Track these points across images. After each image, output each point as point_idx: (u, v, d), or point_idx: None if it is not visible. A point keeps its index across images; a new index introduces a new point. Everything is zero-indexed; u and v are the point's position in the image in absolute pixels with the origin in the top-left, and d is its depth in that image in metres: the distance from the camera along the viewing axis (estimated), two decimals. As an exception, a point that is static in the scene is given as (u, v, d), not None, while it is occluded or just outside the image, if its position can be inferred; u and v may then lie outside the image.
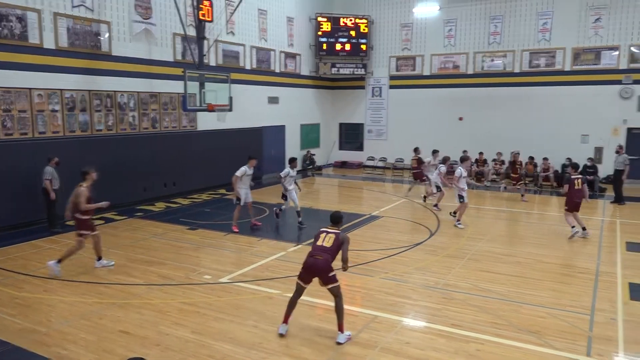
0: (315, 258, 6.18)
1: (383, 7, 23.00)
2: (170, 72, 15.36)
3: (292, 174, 12.21)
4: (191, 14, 15.31)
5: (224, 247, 10.51)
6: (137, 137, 14.66)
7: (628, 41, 18.53)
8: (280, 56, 20.84)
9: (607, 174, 18.61)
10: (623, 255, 10.00)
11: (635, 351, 6.04)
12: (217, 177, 17.06)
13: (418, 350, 6.02)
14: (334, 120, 24.99)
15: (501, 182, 18.32)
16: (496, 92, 20.86)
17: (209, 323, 6.72)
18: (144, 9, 14.55)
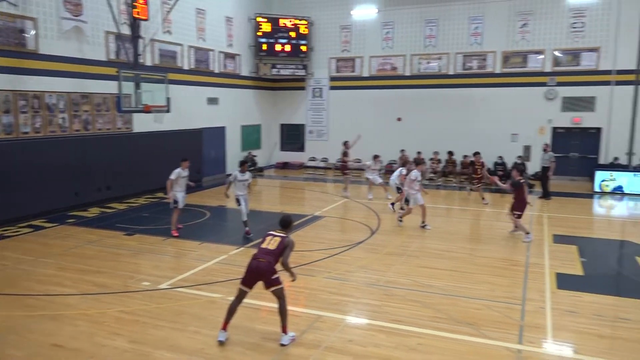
0: (259, 261, 6.12)
1: (322, 9, 23.18)
2: (104, 71, 14.76)
3: (240, 177, 11.20)
4: (125, 12, 14.78)
5: (163, 252, 10.23)
6: (68, 139, 13.97)
7: (552, 45, 19.68)
8: (220, 56, 20.54)
9: (535, 171, 19.70)
10: (550, 247, 10.60)
11: (562, 337, 6.41)
12: (155, 180, 16.53)
13: (360, 347, 6.11)
14: (275, 121, 24.93)
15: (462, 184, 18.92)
16: (432, 93, 21.54)
17: (148, 331, 6.52)
18: (74, 6, 13.90)
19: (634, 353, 5.97)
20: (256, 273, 6.13)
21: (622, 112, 18.40)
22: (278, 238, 6.29)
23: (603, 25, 18.90)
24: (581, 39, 19.26)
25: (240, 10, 21.74)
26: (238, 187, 11.24)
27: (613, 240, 11.54)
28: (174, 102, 15.89)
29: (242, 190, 11.26)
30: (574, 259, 9.70)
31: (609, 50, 18.89)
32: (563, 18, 19.41)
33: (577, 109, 19.63)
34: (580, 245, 10.67)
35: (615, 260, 9.95)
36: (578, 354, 5.99)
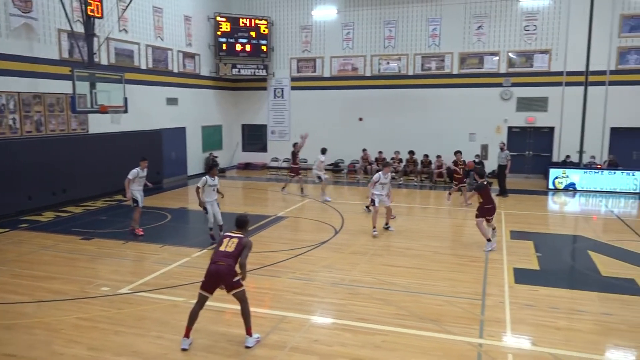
0: (218, 264, 5.97)
1: (282, 9, 23.13)
2: (57, 71, 14.27)
3: (210, 182, 10.51)
4: (78, 9, 14.32)
5: (123, 256, 9.96)
6: (19, 141, 13.43)
7: (506, 47, 20.29)
8: (178, 56, 20.18)
9: (492, 169, 20.26)
10: (508, 243, 10.93)
11: (521, 330, 6.61)
12: (113, 182, 16.08)
13: (326, 346, 6.13)
14: (237, 122, 24.70)
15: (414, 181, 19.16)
16: (392, 93, 21.83)
17: (108, 337, 6.33)
18: (23, 2, 13.36)
19: (589, 343, 6.22)
20: (216, 277, 5.98)
21: (572, 112, 19.15)
22: (235, 239, 6.18)
23: (554, 28, 19.65)
24: (533, 42, 19.95)
25: (199, 9, 21.43)
26: (207, 193, 10.54)
27: (567, 235, 12.01)
28: (131, 103, 15.50)
29: (211, 196, 10.63)
30: (530, 254, 10.03)
31: (559, 52, 19.65)
32: (516, 21, 20.05)
33: (531, 109, 20.32)
34: (535, 240, 11.05)
35: (569, 254, 10.35)
36: (536, 345, 6.19)
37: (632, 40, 18.85)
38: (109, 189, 16.11)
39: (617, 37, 18.94)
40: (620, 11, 18.81)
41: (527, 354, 6.00)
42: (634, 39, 18.82)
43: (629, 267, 9.21)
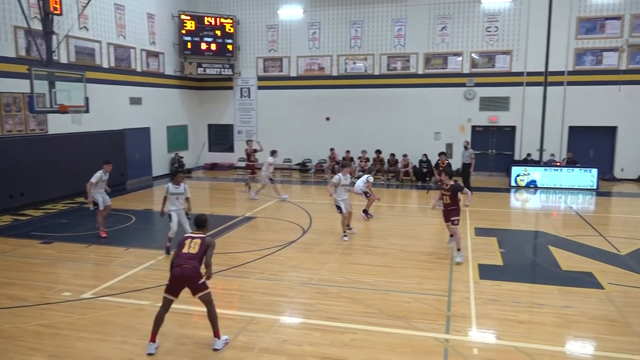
0: (183, 267, 5.84)
1: (248, 8, 22.97)
2: (13, 69, 13.78)
3: (172, 190, 9.69)
4: (35, 6, 13.86)
5: (85, 260, 9.69)
6: (-26, 142, 12.92)
7: (469, 48, 20.72)
8: (142, 54, 19.77)
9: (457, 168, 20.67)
10: (472, 239, 11.16)
11: (485, 325, 6.76)
12: (74, 184, 15.65)
13: (295, 346, 6.12)
14: (203, 122, 24.39)
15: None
16: (359, 93, 21.98)
17: (71, 344, 6.15)
18: (-23, -2, 12.85)
19: (550, 336, 6.42)
20: (181, 280, 5.86)
21: (533, 111, 19.70)
22: (198, 239, 6.07)
23: (514, 30, 20.17)
24: (495, 42, 20.44)
25: (163, 7, 21.05)
26: (171, 201, 9.78)
27: (528, 231, 12.35)
28: (93, 102, 15.09)
29: (175, 205, 9.78)
30: (494, 250, 10.27)
31: (520, 53, 20.19)
32: (478, 22, 20.50)
33: (494, 109, 20.81)
34: (499, 237, 11.32)
35: (530, 250, 10.63)
36: (500, 339, 6.34)
37: (588, 42, 19.54)
38: (70, 191, 15.66)
39: (574, 38, 19.61)
40: (577, 14, 19.48)
41: (491, 348, 6.14)
42: (589, 41, 19.52)
43: (587, 261, 9.54)
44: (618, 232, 11.89)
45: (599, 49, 19.45)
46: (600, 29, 19.41)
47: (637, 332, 6.48)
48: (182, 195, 9.78)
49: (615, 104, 19.44)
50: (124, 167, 18.35)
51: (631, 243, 10.76)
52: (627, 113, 19.37)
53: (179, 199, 9.77)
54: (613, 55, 19.36)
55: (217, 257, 9.65)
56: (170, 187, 9.70)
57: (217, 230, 11.88)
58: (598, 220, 13.39)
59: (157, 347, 5.97)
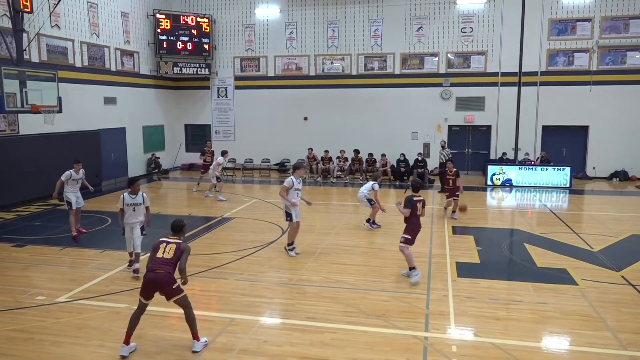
0: (156, 272, 5.77)
1: (224, 7, 22.81)
2: (-18, 68, 13.40)
3: (129, 200, 8.55)
4: (4, 3, 13.52)
5: (60, 263, 9.49)
6: (-59, 143, 12.54)
7: (445, 48, 20.96)
8: (116, 53, 19.46)
9: (435, 167, 20.94)
10: (450, 238, 11.29)
11: (463, 322, 6.85)
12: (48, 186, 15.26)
13: (275, 347, 6.10)
14: (179, 122, 24.11)
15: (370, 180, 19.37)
16: (337, 93, 22.03)
17: (46, 349, 6.02)
18: (-56, -5, 12.48)
19: (526, 332, 6.54)
20: (154, 285, 5.80)
21: (508, 111, 20.04)
22: (173, 244, 5.98)
23: (489, 31, 20.49)
24: (470, 43, 20.72)
25: (137, 5, 20.76)
26: (128, 213, 8.58)
27: (504, 229, 12.55)
28: (66, 102, 14.82)
29: (131, 218, 8.60)
30: (471, 248, 10.42)
31: (494, 54, 20.51)
32: (454, 23, 20.75)
33: (469, 108, 21.10)
34: (476, 235, 11.49)
35: (506, 247, 10.81)
36: (477, 336, 6.43)
37: (560, 43, 19.97)
38: (43, 192, 15.27)
39: (547, 40, 20.02)
40: (549, 15, 19.88)
41: (469, 345, 6.22)
42: (561, 42, 19.95)
43: (561, 257, 9.75)
44: (591, 229, 12.18)
45: (571, 50, 19.90)
46: (571, 31, 19.86)
47: (610, 327, 6.65)
48: (141, 206, 8.68)
49: (586, 104, 19.91)
50: (99, 168, 18.02)
51: (603, 240, 11.04)
52: (598, 113, 19.86)
53: (137, 210, 8.62)
54: (584, 56, 19.83)
55: (195, 258, 9.62)
56: (127, 197, 8.55)
57: (195, 232, 11.77)
58: (571, 217, 13.70)
59: (133, 350, 5.89)
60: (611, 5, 19.39)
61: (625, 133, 19.69)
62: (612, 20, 19.43)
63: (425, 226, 12.23)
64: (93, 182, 17.61)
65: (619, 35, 19.44)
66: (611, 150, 19.93)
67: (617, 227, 12.30)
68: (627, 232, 11.79)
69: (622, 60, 19.54)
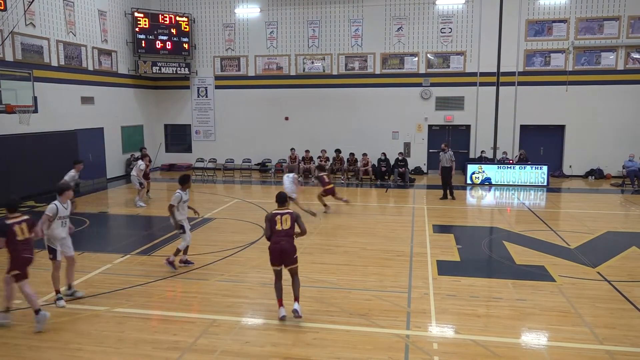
0: (282, 244, 6.65)
1: (204, 6, 22.63)
2: (-46, 67, 13.09)
3: (185, 197, 8.80)
4: (-22, 1, 13.23)
5: (35, 265, 9.26)
6: None
7: (425, 49, 21.13)
8: (93, 52, 19.15)
9: (415, 166, 21.16)
10: (431, 236, 11.38)
11: (445, 320, 6.91)
12: (24, 187, 15.06)
13: (258, 347, 6.08)
14: (159, 122, 23.85)
15: None
16: (318, 92, 22.04)
17: (22, 354, 5.90)
18: None
19: (506, 328, 6.63)
20: (281, 254, 6.69)
21: (486, 111, 20.30)
22: (287, 215, 6.84)
23: (468, 31, 20.72)
24: (449, 43, 20.92)
25: (115, 3, 20.47)
26: (182, 210, 8.90)
27: (484, 227, 12.71)
28: (42, 102, 14.56)
29: (185, 213, 9.02)
30: (452, 247, 10.51)
31: (473, 54, 20.75)
32: (433, 23, 20.93)
33: (449, 108, 21.30)
34: (456, 233, 11.61)
35: (486, 245, 10.94)
36: (459, 333, 6.49)
37: (536, 44, 20.30)
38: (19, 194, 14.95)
39: (524, 40, 20.32)
40: (526, 16, 20.19)
41: (450, 342, 6.28)
42: (538, 43, 20.28)
43: (539, 255, 9.91)
44: (567, 227, 12.41)
45: (547, 50, 20.24)
46: (548, 32, 20.20)
47: (587, 322, 6.78)
48: (187, 202, 9.00)
49: (563, 104, 20.28)
50: (76, 169, 17.72)
51: (580, 237, 11.25)
52: (574, 112, 20.25)
53: (184, 206, 8.93)
54: (560, 56, 20.18)
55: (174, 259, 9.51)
56: (183, 195, 8.79)
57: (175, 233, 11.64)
58: (549, 215, 13.93)
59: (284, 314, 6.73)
60: (586, 6, 19.78)
61: (600, 132, 20.12)
62: (587, 21, 19.83)
63: (406, 225, 12.39)
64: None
65: (594, 36, 19.84)
66: (587, 148, 20.34)
67: (593, 224, 12.55)
68: (602, 229, 12.04)
69: (597, 60, 19.95)
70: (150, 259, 9.67)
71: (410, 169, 20.53)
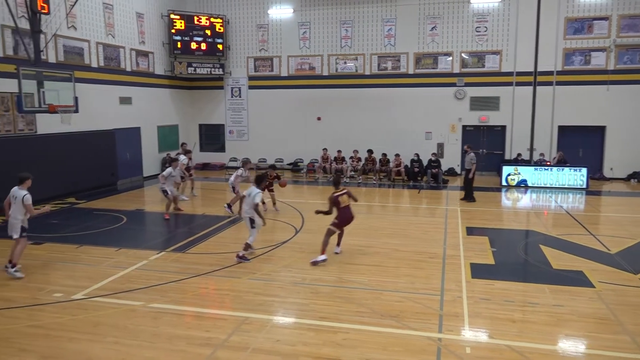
0: (348, 216, 9.40)
1: (238, 7, 22.91)
2: (0, 68, 13.61)
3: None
4: (22, 4, 13.73)
5: (77, 260, 9.61)
6: (-39, 143, 12.76)
7: (459, 48, 20.82)
8: (131, 54, 19.64)
9: (449, 167, 20.89)
10: (464, 239, 11.21)
11: (478, 324, 6.79)
12: (64, 185, 15.58)
13: (288, 346, 6.11)
14: (193, 121, 24.27)
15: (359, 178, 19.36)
16: (350, 93, 22.00)
17: (63, 345, 6.10)
18: (-36, -4, 12.69)
19: (542, 334, 6.46)
20: (348, 222, 9.47)
21: (523, 111, 19.85)
22: (345, 194, 9.35)
23: (504, 30, 20.30)
24: (485, 43, 20.55)
25: (152, 6, 20.93)
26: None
27: (519, 230, 12.42)
28: (82, 102, 15.01)
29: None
30: (486, 249, 10.33)
31: (509, 53, 20.32)
32: (468, 22, 20.60)
33: (484, 108, 20.93)
34: (490, 236, 11.38)
35: (522, 248, 10.70)
36: (492, 338, 6.37)
37: (576, 42, 19.72)
38: (60, 191, 15.53)
39: (563, 39, 19.78)
40: (565, 14, 19.65)
41: (484, 347, 6.17)
42: (578, 41, 19.70)
43: (577, 259, 9.62)
44: (608, 231, 12.01)
45: (587, 49, 19.64)
46: (588, 30, 19.60)
47: (628, 330, 6.55)
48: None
49: (603, 104, 19.64)
50: (114, 167, 18.24)
51: (621, 242, 10.87)
52: (615, 112, 19.58)
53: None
54: (601, 55, 19.55)
55: (208, 257, 9.70)
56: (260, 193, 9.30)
57: (209, 230, 11.85)
58: (588, 219, 13.51)
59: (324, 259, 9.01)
60: (629, 3, 19.09)
61: (644, 133, 19.40)
62: (629, 18, 19.14)
63: (438, 227, 12.24)
64: (109, 181, 17.94)
65: (637, 34, 19.13)
66: (629, 150, 19.64)
67: (634, 228, 12.12)
68: (645, 234, 11.61)
69: (640, 59, 19.25)
70: (184, 256, 9.85)
71: (444, 170, 20.26)
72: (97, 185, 17.23)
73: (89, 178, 16.86)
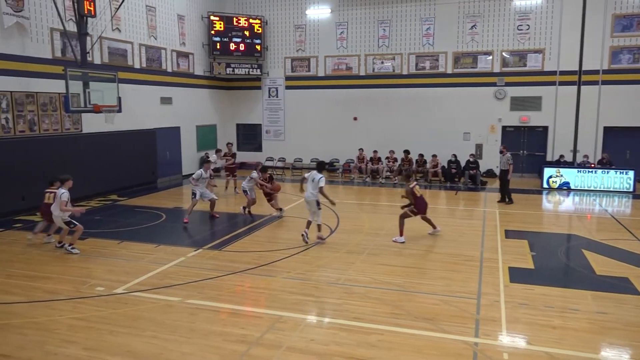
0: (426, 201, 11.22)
1: (276, 8, 23.10)
2: (49, 70, 14.18)
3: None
4: (70, 8, 14.24)
5: (117, 256, 9.91)
6: (13, 141, 13.34)
7: (500, 47, 20.36)
8: (172, 55, 20.11)
9: (487, 168, 20.45)
10: (502, 242, 10.95)
11: (516, 329, 6.63)
12: (107, 182, 16.08)
13: (322, 346, 6.12)
14: (231, 121, 24.64)
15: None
16: (387, 93, 21.85)
17: (104, 337, 6.30)
18: (15, 1, 13.26)
19: (583, 342, 6.25)
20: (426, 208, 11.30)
21: (566, 111, 19.24)
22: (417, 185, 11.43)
23: (547, 28, 19.74)
24: (527, 41, 20.03)
25: (193, 8, 21.36)
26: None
27: (561, 234, 12.03)
28: (125, 102, 15.46)
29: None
30: (525, 253, 10.06)
31: (552, 52, 19.74)
32: (509, 21, 20.13)
33: (525, 108, 20.40)
34: (530, 239, 11.08)
35: (563, 253, 10.38)
36: (531, 344, 6.20)
37: (624, 40, 18.97)
38: (103, 188, 16.05)
39: (610, 36, 19.06)
40: (612, 11, 18.93)
41: (522, 353, 6.01)
42: (626, 39, 18.94)
43: (622, 265, 9.26)
44: (655, 236, 11.50)
45: (636, 47, 18.85)
46: (637, 27, 18.81)
47: (675, 340, 6.26)
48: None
49: (653, 104, 18.81)
50: (154, 166, 18.71)
51: (669, 248, 10.40)
52: (665, 113, 18.73)
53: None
54: (651, 53, 18.75)
55: (244, 255, 9.83)
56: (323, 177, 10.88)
57: (245, 229, 12.00)
58: (635, 224, 12.96)
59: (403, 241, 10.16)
60: (682, -1, 18.24)
61: (696, 135, 18.48)
62: (682, 15, 18.28)
63: (476, 229, 12.02)
64: (149, 179, 18.42)
65: (691, 31, 18.26)
66: (680, 153, 18.76)
67: (685, 234, 11.57)
68: (696, 240, 11.06)
69: (694, 57, 18.35)
70: (221, 254, 10.01)
71: (482, 172, 19.86)
72: (138, 183, 17.73)
73: (131, 176, 17.36)
